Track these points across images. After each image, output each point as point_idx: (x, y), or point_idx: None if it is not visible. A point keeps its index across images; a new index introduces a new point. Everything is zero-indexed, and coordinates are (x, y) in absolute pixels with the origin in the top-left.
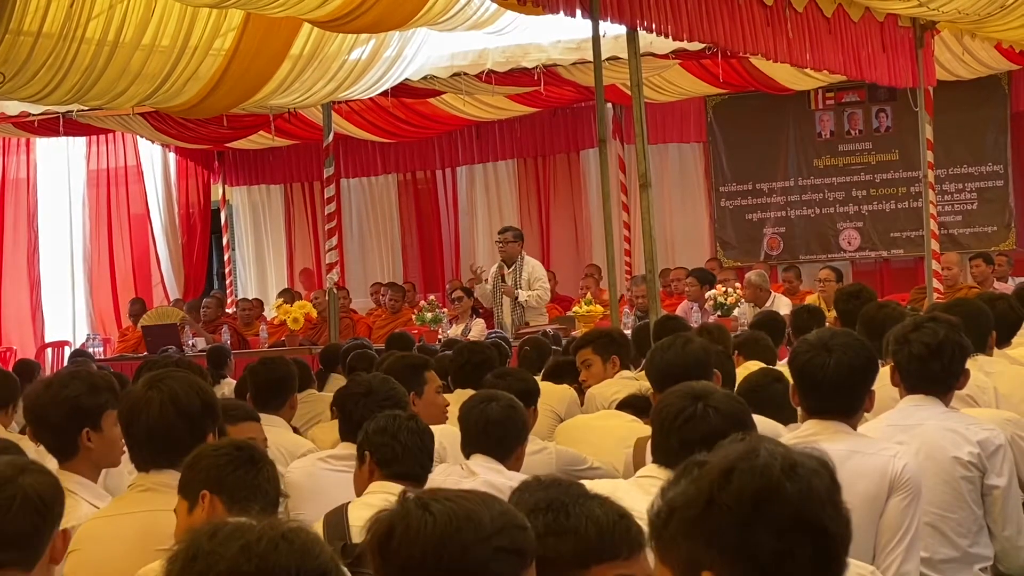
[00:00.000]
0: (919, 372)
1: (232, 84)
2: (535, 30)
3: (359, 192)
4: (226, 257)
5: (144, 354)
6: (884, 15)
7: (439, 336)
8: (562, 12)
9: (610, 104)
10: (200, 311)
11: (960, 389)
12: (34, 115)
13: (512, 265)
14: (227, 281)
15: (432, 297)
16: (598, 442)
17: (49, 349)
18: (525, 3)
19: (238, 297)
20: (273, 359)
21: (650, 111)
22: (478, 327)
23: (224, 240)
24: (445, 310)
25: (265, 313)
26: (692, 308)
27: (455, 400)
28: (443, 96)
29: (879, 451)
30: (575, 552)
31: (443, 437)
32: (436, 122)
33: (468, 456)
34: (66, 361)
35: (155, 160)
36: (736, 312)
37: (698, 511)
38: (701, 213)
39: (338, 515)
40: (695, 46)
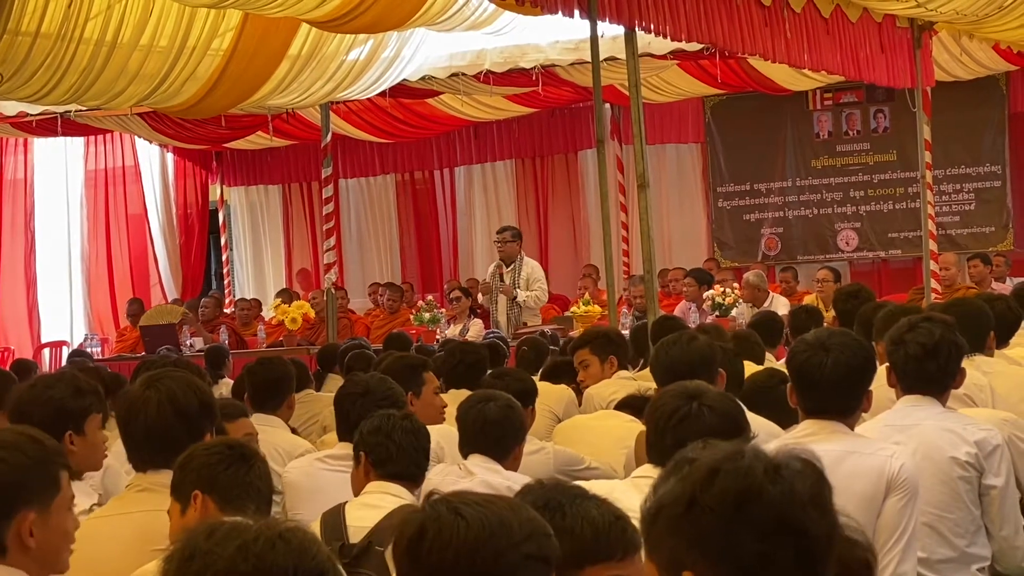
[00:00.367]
0: (915, 372)
1: (230, 84)
2: (533, 30)
3: (357, 192)
4: (224, 257)
5: (142, 354)
6: (882, 16)
7: (437, 336)
8: (560, 12)
9: (608, 104)
10: (198, 311)
11: (956, 388)
12: (32, 115)
13: (511, 264)
14: (225, 281)
15: (430, 297)
16: (596, 442)
17: (47, 349)
18: (523, 3)
19: (236, 297)
20: (271, 359)
21: (648, 111)
22: (476, 327)
23: (222, 240)
24: (443, 310)
25: (263, 313)
26: (690, 308)
27: (449, 400)
28: (441, 96)
29: (876, 451)
30: (570, 552)
31: (441, 437)
32: (434, 122)
33: (466, 456)
34: (64, 361)
35: (153, 160)
36: (734, 312)
37: (682, 510)
38: (699, 213)
39: (335, 515)
40: (693, 46)
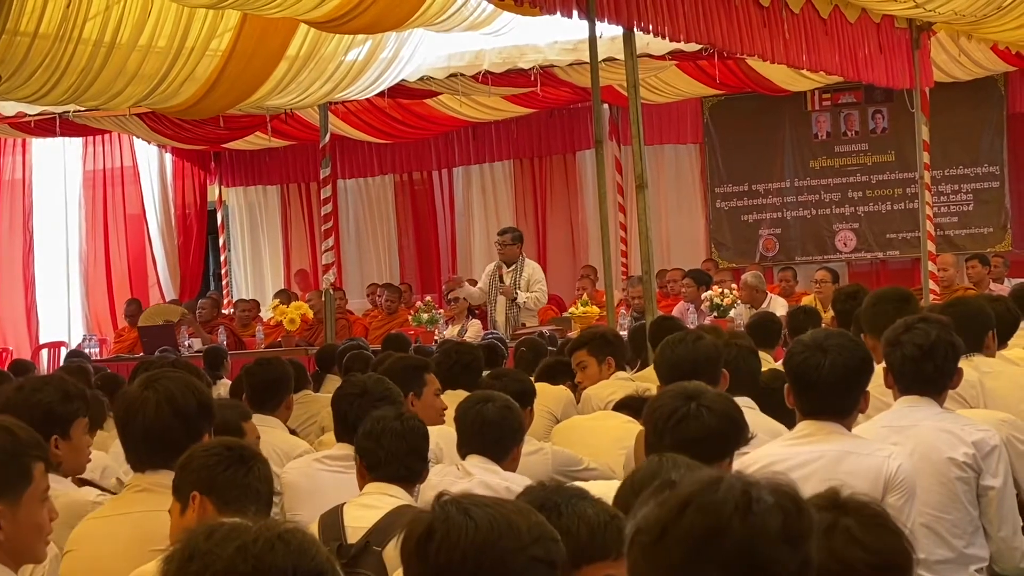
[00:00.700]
0: (912, 373)
1: (229, 85)
2: (532, 31)
3: (356, 193)
4: (222, 258)
5: (140, 355)
6: (880, 16)
7: (435, 337)
8: (559, 13)
9: (606, 105)
10: (196, 312)
11: (954, 389)
12: (30, 115)
13: (512, 265)
14: (223, 282)
15: (428, 298)
16: (594, 443)
17: (45, 350)
18: (522, 4)
19: (234, 298)
20: (269, 360)
21: (646, 112)
22: (474, 328)
23: (220, 241)
24: (441, 311)
25: (261, 314)
26: (688, 309)
27: (445, 401)
28: (440, 97)
29: (874, 452)
30: (566, 552)
31: (439, 438)
32: (433, 123)
33: (464, 457)
34: (62, 362)
35: (151, 161)
36: (732, 313)
37: (653, 539)
38: (697, 214)
39: (334, 515)
40: (691, 47)
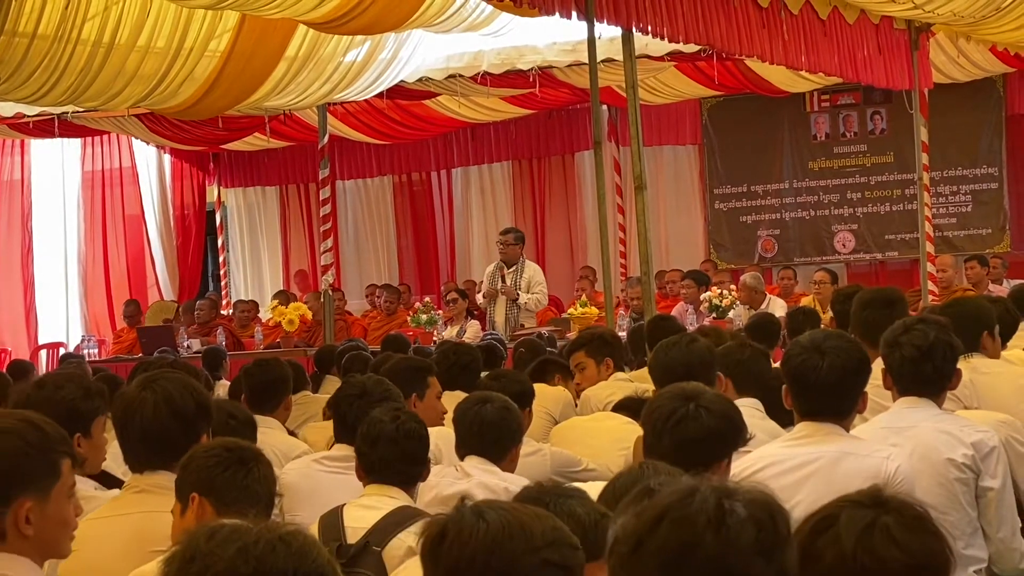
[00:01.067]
0: (911, 374)
1: (228, 86)
2: (531, 32)
3: (354, 194)
4: (221, 259)
5: (139, 355)
6: (879, 17)
7: (434, 338)
8: (558, 14)
9: (605, 106)
10: (194, 313)
11: (953, 389)
12: (29, 116)
13: (512, 266)
14: (222, 283)
15: (427, 299)
16: (593, 444)
17: (44, 351)
18: (521, 5)
19: (233, 299)
20: (268, 360)
21: (645, 113)
22: (473, 329)
23: (219, 242)
24: (440, 312)
25: (260, 315)
26: (687, 310)
27: (443, 402)
28: (438, 98)
29: (872, 453)
30: None
31: (438, 439)
32: (431, 124)
33: (463, 458)
34: (57, 364)
35: (150, 162)
36: (731, 314)
37: (629, 550)
38: (696, 215)
39: (334, 516)
40: (690, 48)
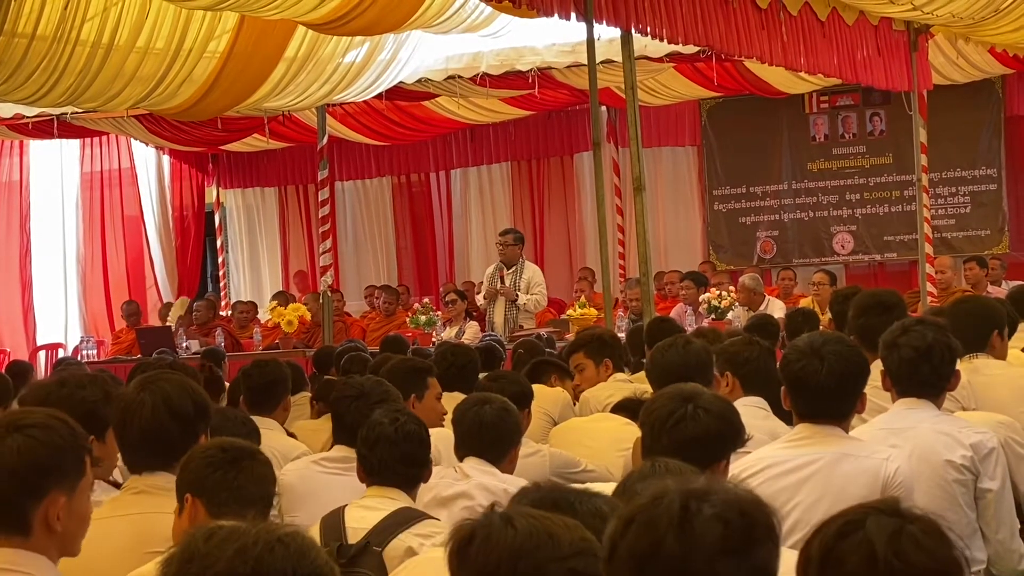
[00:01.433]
0: (909, 376)
1: (227, 87)
2: (530, 33)
3: (353, 195)
4: (220, 260)
5: (138, 356)
6: (878, 19)
7: (433, 339)
8: (556, 15)
9: (604, 107)
10: (192, 314)
11: (952, 390)
12: (28, 117)
13: (512, 267)
14: (221, 284)
15: (426, 300)
16: (592, 445)
17: (42, 352)
18: (520, 6)
19: (232, 300)
20: (266, 361)
21: (644, 114)
22: (472, 330)
23: (218, 243)
24: (439, 313)
25: (259, 316)
26: (686, 311)
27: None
28: (437, 99)
29: (871, 454)
30: None
31: (437, 440)
32: (430, 125)
33: (461, 459)
34: (53, 370)
35: (149, 162)
36: (730, 315)
37: (606, 556)
38: (695, 216)
39: (335, 517)
40: (689, 49)
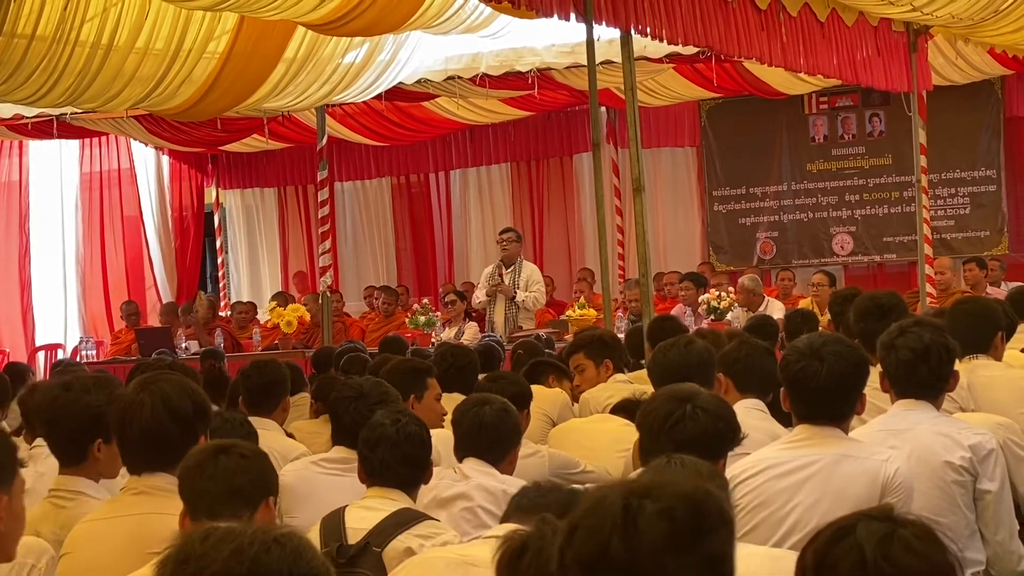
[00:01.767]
0: (907, 377)
1: (226, 87)
2: (529, 34)
3: (353, 195)
4: (219, 260)
5: (137, 357)
6: (878, 20)
7: (432, 340)
8: (556, 16)
9: (604, 108)
10: (191, 314)
11: (950, 391)
12: (28, 117)
13: (511, 266)
14: (220, 284)
15: (425, 300)
16: (591, 446)
17: (41, 352)
18: (519, 6)
19: (232, 300)
20: (265, 362)
21: (644, 115)
22: (471, 330)
23: (217, 243)
24: (438, 314)
25: (258, 316)
26: (685, 312)
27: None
28: (437, 100)
29: (871, 455)
30: None
31: (437, 441)
32: (430, 125)
33: (461, 459)
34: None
35: (148, 163)
36: (729, 316)
37: (557, 566)
38: (694, 217)
39: (336, 517)
40: (689, 50)
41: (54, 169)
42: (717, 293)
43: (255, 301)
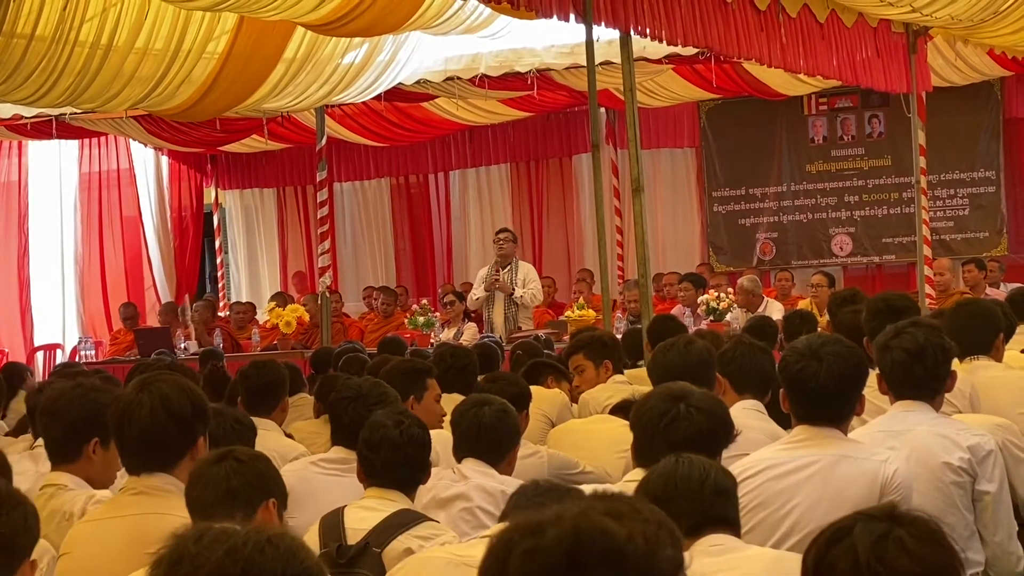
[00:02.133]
0: (903, 378)
1: (225, 87)
2: (529, 34)
3: (352, 196)
4: (219, 260)
5: (136, 357)
6: (877, 21)
7: (431, 340)
8: (555, 17)
9: (603, 109)
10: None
11: (948, 391)
12: (27, 118)
13: (507, 266)
14: (219, 285)
15: (424, 301)
16: (590, 446)
17: (40, 352)
18: (518, 7)
19: (231, 300)
20: (264, 363)
21: (643, 116)
22: (470, 331)
23: (217, 244)
24: (437, 314)
25: (257, 317)
26: (685, 313)
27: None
28: (436, 100)
29: (870, 456)
30: None
31: (436, 441)
32: (429, 126)
33: (460, 460)
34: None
35: (148, 163)
36: (728, 317)
37: None
38: (693, 218)
39: (335, 517)
40: (688, 51)
41: (53, 169)
42: (716, 294)
43: (254, 301)
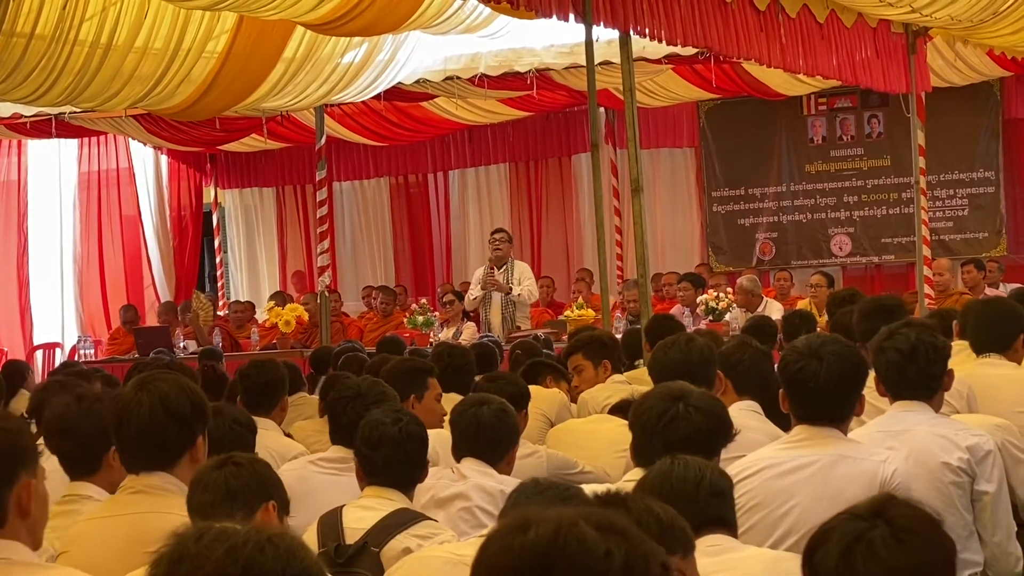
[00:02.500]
0: (898, 378)
1: (225, 87)
2: (528, 34)
3: (351, 195)
4: (218, 260)
5: (135, 356)
6: (877, 21)
7: (430, 340)
8: (555, 16)
9: (603, 108)
10: (189, 314)
11: (947, 390)
12: (26, 117)
13: (502, 266)
14: (219, 284)
15: (423, 300)
16: (589, 446)
17: (39, 351)
18: (518, 7)
19: (230, 300)
20: (263, 362)
21: (643, 116)
22: (469, 331)
23: (216, 243)
24: (436, 314)
25: (257, 316)
26: (684, 313)
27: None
28: (436, 100)
29: (869, 456)
30: None
31: (435, 441)
32: (428, 126)
33: (459, 460)
34: (54, 366)
35: (147, 162)
36: (727, 317)
37: None
38: (693, 218)
39: (333, 517)
40: (688, 51)
41: (52, 168)
42: (715, 294)
43: (253, 301)
